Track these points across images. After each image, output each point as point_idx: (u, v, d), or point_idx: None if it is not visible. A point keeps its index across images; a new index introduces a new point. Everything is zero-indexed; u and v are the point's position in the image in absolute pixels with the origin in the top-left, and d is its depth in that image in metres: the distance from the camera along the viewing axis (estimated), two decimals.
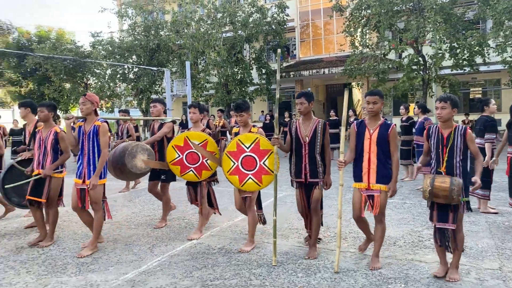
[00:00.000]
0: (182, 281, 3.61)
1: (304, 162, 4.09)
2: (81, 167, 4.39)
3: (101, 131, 4.33)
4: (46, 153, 4.72)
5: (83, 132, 4.39)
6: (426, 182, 3.50)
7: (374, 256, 3.82)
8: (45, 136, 4.75)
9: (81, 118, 4.49)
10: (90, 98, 4.38)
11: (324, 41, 24.29)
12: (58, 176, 4.77)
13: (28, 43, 26.66)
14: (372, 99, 3.78)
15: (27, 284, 3.62)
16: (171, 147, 4.81)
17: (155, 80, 22.86)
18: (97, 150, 4.35)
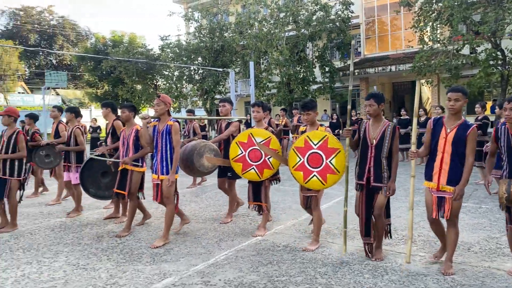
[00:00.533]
0: (249, 275, 3.71)
1: (369, 164, 3.96)
2: (155, 164, 4.70)
3: (173, 130, 4.60)
4: (128, 149, 5.14)
5: (157, 131, 4.69)
6: (502, 188, 3.32)
7: (447, 261, 3.66)
8: (128, 134, 5.18)
9: (155, 117, 4.78)
10: (163, 100, 4.66)
11: (390, 37, 23.41)
12: (139, 170, 5.15)
13: (104, 47, 28.66)
14: (454, 96, 3.58)
15: (108, 270, 3.94)
16: (235, 143, 4.93)
17: (219, 80, 23.51)
18: (169, 148, 4.62)
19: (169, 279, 3.68)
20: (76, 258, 4.30)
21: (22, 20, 43.37)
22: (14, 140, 5.39)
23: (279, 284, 3.49)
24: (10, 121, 5.49)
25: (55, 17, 46.75)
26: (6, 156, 5.33)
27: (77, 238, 5.03)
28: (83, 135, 6.38)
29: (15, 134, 5.42)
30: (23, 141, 5.42)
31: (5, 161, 5.36)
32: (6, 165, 5.35)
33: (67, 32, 45.44)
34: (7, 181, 5.36)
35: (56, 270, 3.97)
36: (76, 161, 6.26)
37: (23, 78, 41.59)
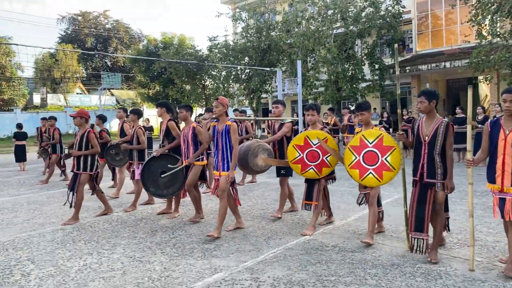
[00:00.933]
0: (297, 273, 3.74)
1: (422, 161, 3.96)
2: (216, 161, 4.97)
3: (232, 129, 4.84)
4: (188, 146, 5.55)
5: (216, 130, 4.96)
6: None
7: (510, 263, 3.51)
8: (186, 132, 5.58)
9: (214, 118, 5.04)
10: (221, 101, 4.92)
11: (445, 32, 22.38)
12: (198, 164, 5.55)
13: (155, 49, 29.71)
14: (510, 97, 3.46)
15: (162, 263, 4.12)
16: (292, 147, 5.04)
17: (266, 79, 23.64)
18: (229, 146, 4.87)
19: (219, 274, 3.79)
20: (132, 251, 4.53)
21: (81, 24, 45.96)
22: (86, 138, 5.84)
23: (328, 284, 3.49)
24: (82, 122, 5.95)
25: (110, 21, 49.14)
26: (81, 153, 5.80)
27: (132, 232, 5.29)
28: (144, 134, 6.78)
29: (86, 133, 5.87)
30: (94, 138, 5.89)
31: (79, 157, 5.83)
32: (80, 161, 5.82)
33: (121, 35, 47.57)
34: (78, 175, 5.82)
35: (115, 262, 4.21)
36: (139, 159, 6.71)
37: (81, 80, 44.07)
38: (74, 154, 5.81)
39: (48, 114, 20.76)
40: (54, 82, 38.85)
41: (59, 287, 3.61)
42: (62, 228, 5.58)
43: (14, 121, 25.77)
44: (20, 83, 33.91)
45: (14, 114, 28.60)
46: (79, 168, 5.83)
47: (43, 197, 8.00)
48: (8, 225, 5.84)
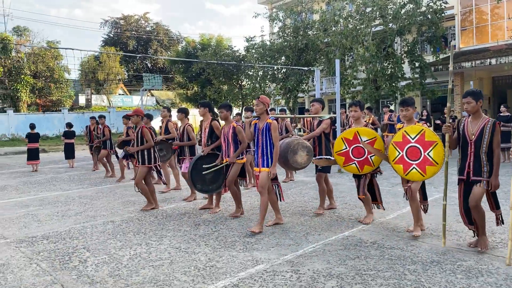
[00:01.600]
0: (337, 267, 3.85)
1: (469, 160, 4.03)
2: (256, 158, 5.15)
3: (273, 127, 5.01)
4: (229, 145, 5.75)
5: (257, 128, 5.15)
6: None
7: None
8: (227, 131, 5.77)
9: (256, 117, 5.27)
10: (262, 100, 5.11)
11: (491, 27, 21.52)
12: (238, 162, 5.74)
13: (193, 50, 30.41)
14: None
15: (206, 254, 4.35)
16: (340, 139, 5.22)
17: (302, 79, 23.64)
18: (269, 143, 5.04)
19: (261, 265, 3.97)
20: (178, 242, 4.80)
21: (123, 28, 47.68)
22: (141, 134, 6.38)
23: (367, 278, 3.58)
24: (138, 120, 6.49)
25: (150, 23, 50.64)
26: (137, 149, 6.38)
27: (177, 225, 5.58)
28: (193, 131, 7.14)
29: (140, 129, 6.40)
30: (148, 133, 6.37)
31: (138, 152, 6.41)
32: (139, 155, 6.40)
33: (161, 37, 48.92)
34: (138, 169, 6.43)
35: (162, 252, 4.48)
36: (190, 154, 7.06)
37: (123, 81, 45.72)
38: (131, 150, 6.42)
39: (93, 114, 21.78)
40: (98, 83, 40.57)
41: (114, 273, 3.90)
42: (112, 220, 5.96)
43: (62, 121, 27.23)
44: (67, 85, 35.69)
45: (62, 114, 30.13)
46: (140, 162, 6.37)
47: (92, 192, 8.51)
48: (63, 217, 6.29)
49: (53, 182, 10.07)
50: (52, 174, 11.83)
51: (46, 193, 8.45)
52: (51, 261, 4.27)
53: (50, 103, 34.55)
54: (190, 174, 6.10)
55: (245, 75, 26.89)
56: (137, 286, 3.58)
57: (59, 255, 4.44)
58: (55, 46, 33.77)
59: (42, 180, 10.54)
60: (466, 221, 4.21)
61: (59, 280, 3.75)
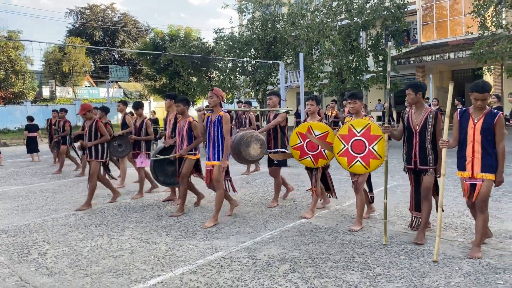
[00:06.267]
0: (291, 252, 4.06)
1: (415, 149, 4.22)
2: (208, 151, 5.17)
3: (224, 120, 5.00)
4: (183, 139, 5.67)
5: (210, 121, 5.13)
6: None
7: (474, 246, 3.80)
8: (182, 125, 5.69)
9: (209, 109, 5.24)
10: (216, 92, 5.10)
11: (450, 23, 22.37)
12: (192, 157, 5.65)
13: (162, 42, 29.98)
14: (482, 97, 3.67)
15: (167, 244, 4.46)
16: (295, 133, 5.32)
17: (271, 71, 23.84)
18: (221, 136, 5.02)
19: (219, 253, 4.12)
20: (139, 233, 4.88)
21: (88, 18, 46.32)
22: (95, 128, 6.22)
23: (318, 261, 3.80)
24: (91, 115, 6.33)
25: (117, 14, 49.45)
26: (93, 143, 6.20)
27: (140, 217, 5.64)
28: (151, 126, 7.08)
29: (95, 123, 6.25)
30: (102, 126, 6.25)
31: (91, 146, 6.23)
32: (92, 149, 6.24)
33: (128, 28, 47.88)
34: (90, 163, 6.24)
35: (123, 242, 4.56)
36: (146, 149, 7.01)
37: (89, 73, 44.54)
38: (87, 145, 6.19)
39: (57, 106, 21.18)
40: (63, 75, 39.37)
41: (73, 264, 3.96)
42: (74, 213, 5.95)
43: (25, 113, 26.31)
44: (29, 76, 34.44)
45: (24, 107, 29.15)
46: (91, 156, 6.22)
47: (55, 185, 8.40)
48: (23, 211, 6.22)
49: (13, 176, 9.84)
50: (13, 168, 11.53)
51: (6, 188, 8.28)
52: (9, 254, 4.27)
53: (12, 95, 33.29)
54: (152, 167, 6.14)
55: (214, 67, 26.83)
56: (96, 276, 3.66)
57: (17, 249, 4.44)
58: (17, 36, 32.49)
59: (2, 174, 10.28)
60: (413, 207, 4.44)
61: (17, 273, 3.78)
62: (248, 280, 3.46)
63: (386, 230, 4.26)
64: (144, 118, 7.04)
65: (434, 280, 3.30)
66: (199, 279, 3.51)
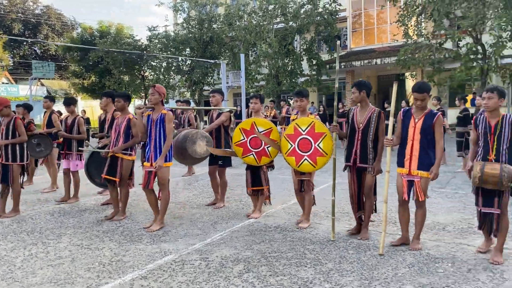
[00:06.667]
0: (244, 252, 4.04)
1: (356, 147, 4.34)
2: (149, 152, 4.85)
3: (167, 118, 4.75)
4: (119, 137, 5.29)
5: (151, 120, 4.85)
6: (476, 168, 3.64)
7: (415, 238, 4.04)
8: (120, 122, 5.33)
9: (149, 107, 4.97)
10: (158, 90, 4.83)
11: (377, 30, 23.84)
12: (129, 158, 5.31)
13: (91, 38, 28.42)
14: (421, 97, 3.91)
15: (111, 249, 4.22)
16: (238, 130, 5.19)
17: (208, 72, 23.65)
18: (163, 136, 4.76)
19: (169, 256, 3.98)
20: (79, 240, 4.56)
21: (6, 9, 42.56)
22: (13, 126, 5.54)
23: (271, 259, 3.82)
24: (9, 111, 5.61)
25: (40, 6, 46.00)
26: (7, 142, 5.49)
27: (77, 222, 5.28)
28: (84, 124, 6.60)
29: (13, 120, 5.56)
30: (21, 125, 5.58)
31: (7, 147, 5.52)
32: (8, 151, 5.52)
33: (52, 22, 44.76)
34: (9, 166, 5.53)
35: (62, 250, 4.23)
36: (78, 150, 6.46)
37: (7, 68, 40.93)
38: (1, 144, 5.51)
39: None
40: None
41: (6, 276, 3.59)
42: (0, 221, 5.41)
43: None
44: None
45: None
46: (8, 159, 5.53)
47: None
48: None
49: None
50: None
51: None
52: None
53: None
54: (87, 168, 5.75)
55: (147, 65, 25.99)
56: (34, 287, 3.35)
57: None
58: None
59: None
60: (357, 208, 4.49)
61: None
62: (203, 282, 3.38)
63: (334, 227, 4.40)
64: (76, 115, 6.53)
65: (382, 272, 3.47)
66: (151, 284, 3.36)
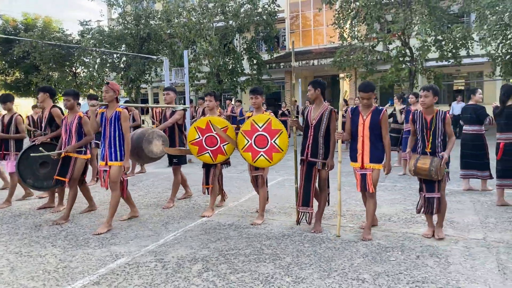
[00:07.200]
0: (200, 251, 3.95)
1: (308, 142, 4.48)
2: (103, 151, 4.68)
3: (123, 116, 4.60)
4: (71, 136, 5.08)
5: (105, 117, 4.66)
6: (411, 162, 4.10)
7: (366, 228, 4.26)
8: (70, 121, 5.10)
9: (103, 105, 4.78)
10: (112, 87, 4.66)
11: (313, 32, 24.62)
12: (82, 157, 5.13)
13: (14, 31, 26.28)
14: (367, 96, 4.16)
15: (55, 255, 3.92)
16: (193, 128, 5.12)
17: (145, 69, 22.89)
18: (117, 134, 4.60)
19: (122, 259, 3.78)
20: (16, 247, 4.18)
21: None
22: None
23: (230, 257, 3.78)
24: None
25: None
26: None
27: (12, 228, 4.84)
28: (23, 123, 6.15)
29: None
30: None
31: None
32: None
33: None
34: None
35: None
36: (16, 149, 6.07)
37: None
38: None
39: None
40: None
41: None
42: None
43: None
44: None
45: None
46: None
47: None
48: None
49: None
50: None
51: None
52: None
53: None
54: (18, 167, 5.30)
55: (80, 62, 24.58)
56: None
57: None
58: None
59: None
60: (301, 203, 4.49)
61: None
62: (162, 284, 3.25)
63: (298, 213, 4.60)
64: (13, 113, 6.10)
65: (339, 264, 3.57)
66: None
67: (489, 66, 17.52)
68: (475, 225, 4.53)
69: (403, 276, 3.29)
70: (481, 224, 4.58)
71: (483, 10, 14.24)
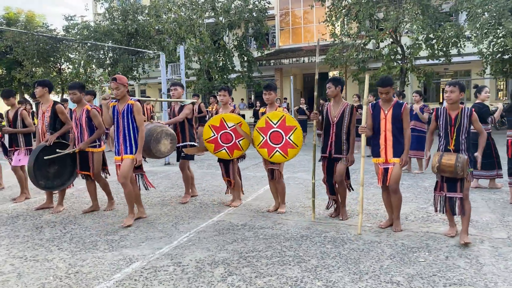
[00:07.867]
0: (219, 253, 3.75)
1: (331, 139, 4.48)
2: (118, 145, 4.56)
3: (136, 109, 4.51)
4: (82, 131, 4.98)
5: (117, 111, 4.55)
6: (435, 159, 3.92)
7: (396, 219, 4.28)
8: (79, 115, 4.99)
9: (115, 98, 4.62)
10: (121, 81, 4.52)
11: (303, 30, 24.53)
12: (98, 150, 5.09)
13: None
14: (385, 90, 4.14)
15: (64, 260, 3.67)
16: (208, 126, 5.13)
17: (132, 65, 22.41)
18: (132, 127, 4.52)
19: (137, 263, 3.56)
20: (20, 251, 3.92)
21: None
22: None
23: (251, 259, 3.59)
24: None
25: None
26: None
27: (12, 231, 4.56)
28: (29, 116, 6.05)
29: None
30: None
31: None
32: None
33: None
34: None
35: (2, 264, 3.58)
36: (26, 144, 5.94)
37: None
38: None
39: None
40: None
41: None
42: None
43: None
44: None
45: None
46: None
47: None
48: None
49: None
50: None
51: None
52: None
53: None
54: (32, 169, 5.01)
55: (65, 57, 23.93)
56: None
57: None
58: None
59: None
60: (329, 191, 4.73)
61: None
62: None
63: (314, 208, 4.72)
64: (17, 108, 5.93)
65: (368, 266, 3.42)
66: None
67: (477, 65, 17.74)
68: (496, 224, 4.46)
69: (437, 278, 3.16)
70: (501, 223, 4.51)
71: (475, 9, 14.35)
